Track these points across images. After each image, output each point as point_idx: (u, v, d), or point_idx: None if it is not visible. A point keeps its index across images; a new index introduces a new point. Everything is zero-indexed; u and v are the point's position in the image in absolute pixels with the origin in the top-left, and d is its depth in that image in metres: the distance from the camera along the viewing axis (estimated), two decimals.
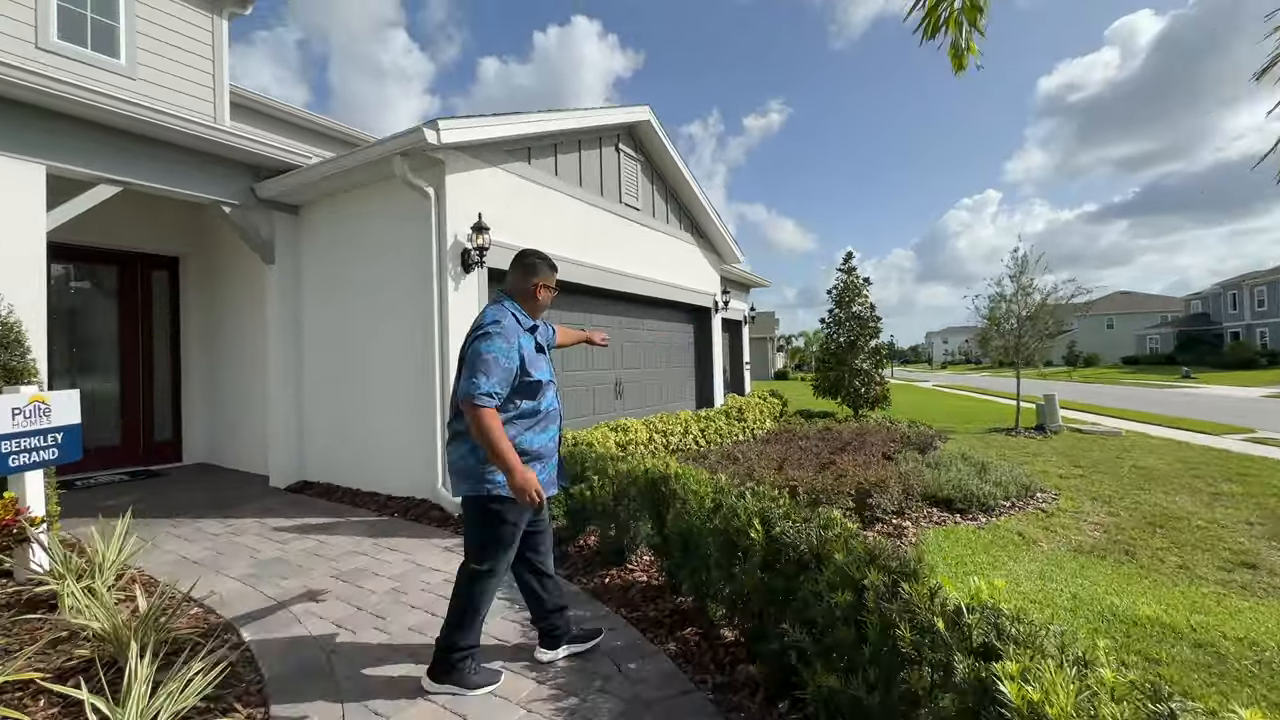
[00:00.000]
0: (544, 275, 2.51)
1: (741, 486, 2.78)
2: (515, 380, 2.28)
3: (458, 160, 5.02)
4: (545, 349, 2.57)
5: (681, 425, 6.89)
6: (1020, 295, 11.43)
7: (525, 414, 2.34)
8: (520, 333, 2.34)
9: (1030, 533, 4.85)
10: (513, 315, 2.38)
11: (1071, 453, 9.10)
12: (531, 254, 2.53)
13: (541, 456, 2.41)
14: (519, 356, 2.28)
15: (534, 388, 2.36)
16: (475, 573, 2.34)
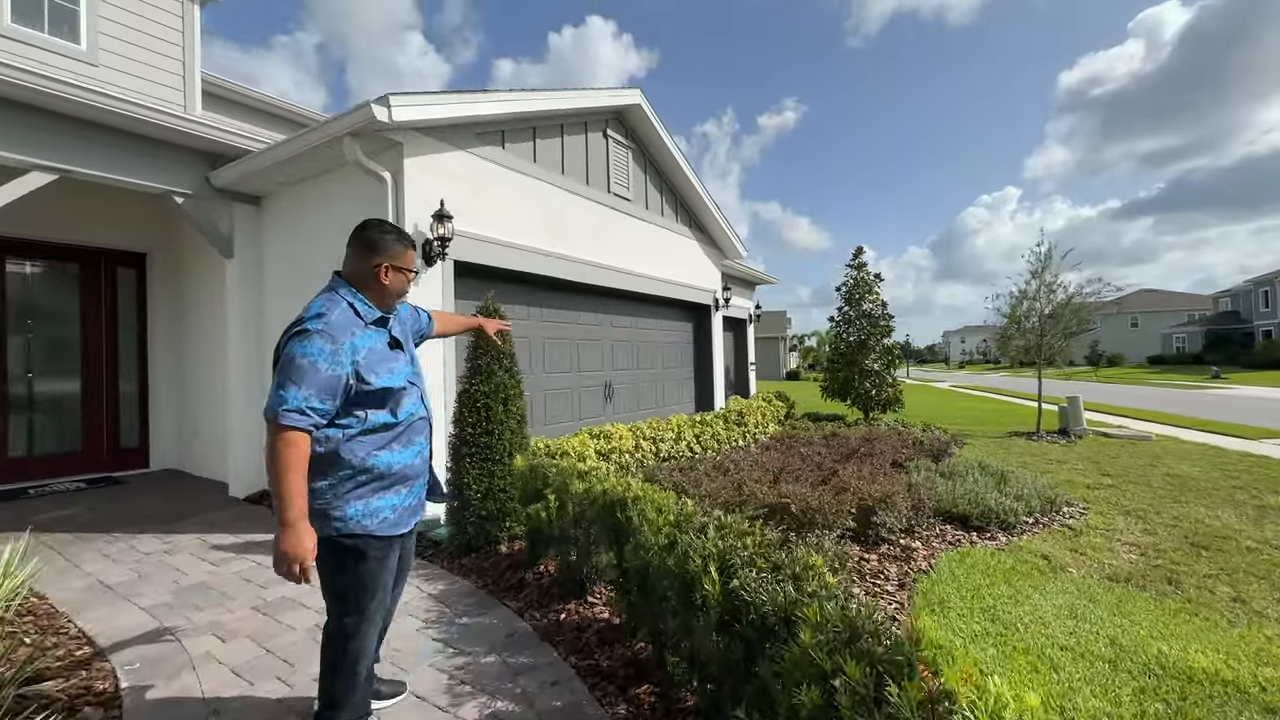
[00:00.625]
0: (389, 253, 1.98)
1: (706, 516, 2.29)
2: (348, 390, 1.81)
3: (419, 143, 4.58)
4: (405, 344, 2.11)
5: (674, 431, 6.41)
6: (1043, 292, 10.80)
7: (374, 428, 1.88)
8: (356, 329, 1.87)
9: (1057, 556, 4.30)
10: (348, 306, 1.89)
11: (1098, 459, 8.48)
12: (373, 226, 2.03)
13: (406, 478, 1.97)
14: (351, 360, 1.81)
15: (381, 396, 1.89)
16: (340, 632, 1.90)
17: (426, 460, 2.12)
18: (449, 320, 2.64)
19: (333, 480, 1.80)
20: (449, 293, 4.75)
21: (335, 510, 1.81)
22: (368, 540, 1.84)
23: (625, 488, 2.67)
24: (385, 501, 1.90)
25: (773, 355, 38.61)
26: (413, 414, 2.01)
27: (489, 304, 4.02)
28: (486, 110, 4.88)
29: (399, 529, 1.95)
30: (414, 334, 2.32)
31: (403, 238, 2.05)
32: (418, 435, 2.04)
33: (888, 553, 4.18)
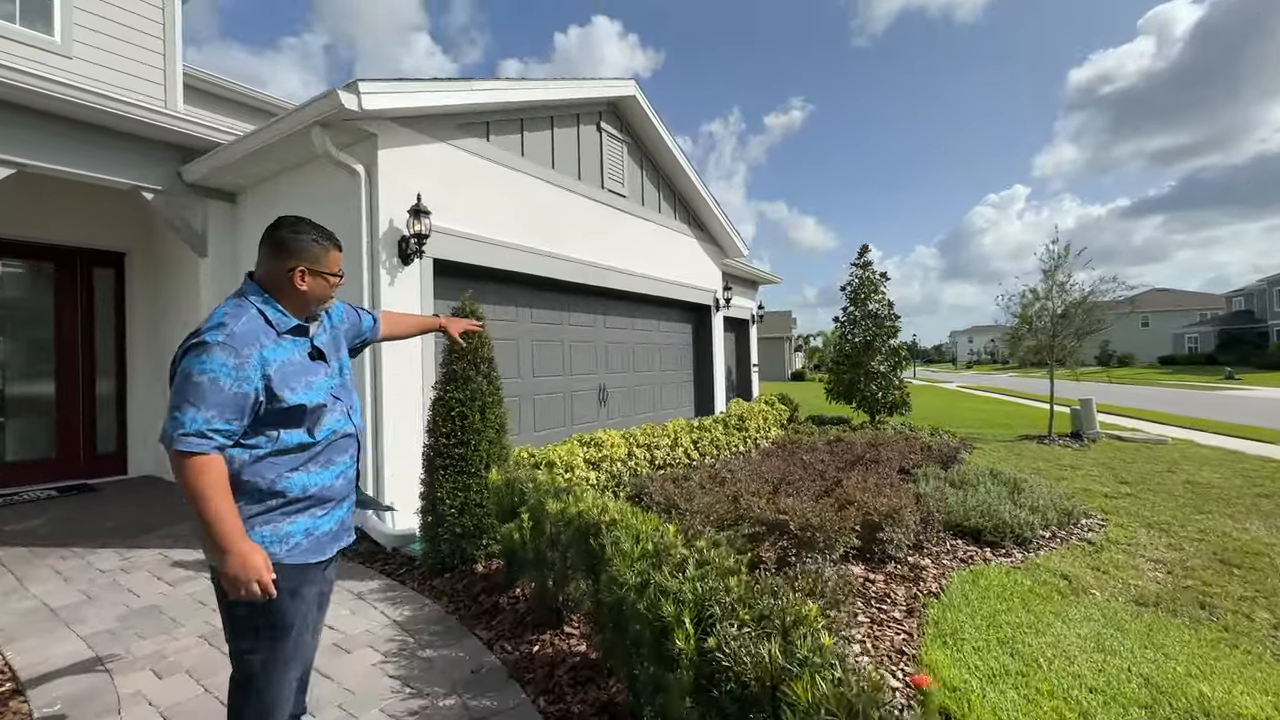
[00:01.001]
0: (305, 256, 1.74)
1: (688, 547, 2.01)
2: (256, 408, 1.59)
3: (395, 134, 4.32)
4: (334, 352, 1.89)
5: (670, 437, 6.12)
6: (1056, 292, 10.45)
7: (287, 449, 1.66)
8: (266, 340, 1.64)
9: (1078, 575, 3.99)
10: (256, 314, 1.67)
11: (1114, 465, 8.14)
12: (286, 224, 1.77)
13: (325, 500, 1.75)
14: (261, 375, 1.59)
15: (297, 413, 1.67)
16: (247, 680, 1.66)
17: (352, 481, 1.90)
18: (400, 321, 2.38)
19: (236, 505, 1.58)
20: (428, 293, 4.49)
21: None
22: (277, 570, 1.60)
23: (601, 510, 2.39)
24: (298, 525, 1.68)
25: (777, 356, 38.25)
26: (335, 431, 1.79)
27: (466, 304, 3.75)
28: (468, 100, 4.62)
29: (315, 556, 1.73)
30: (351, 339, 2.08)
31: (322, 238, 1.80)
32: (340, 454, 1.82)
33: (895, 572, 3.88)
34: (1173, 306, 49.35)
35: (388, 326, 2.26)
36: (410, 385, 4.36)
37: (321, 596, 1.91)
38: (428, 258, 4.47)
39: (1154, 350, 46.37)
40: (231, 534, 1.48)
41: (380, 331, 2.21)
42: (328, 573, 1.89)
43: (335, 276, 1.84)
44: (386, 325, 2.25)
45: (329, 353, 1.87)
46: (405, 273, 4.34)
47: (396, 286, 4.28)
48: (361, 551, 4.05)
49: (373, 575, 3.69)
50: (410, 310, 4.38)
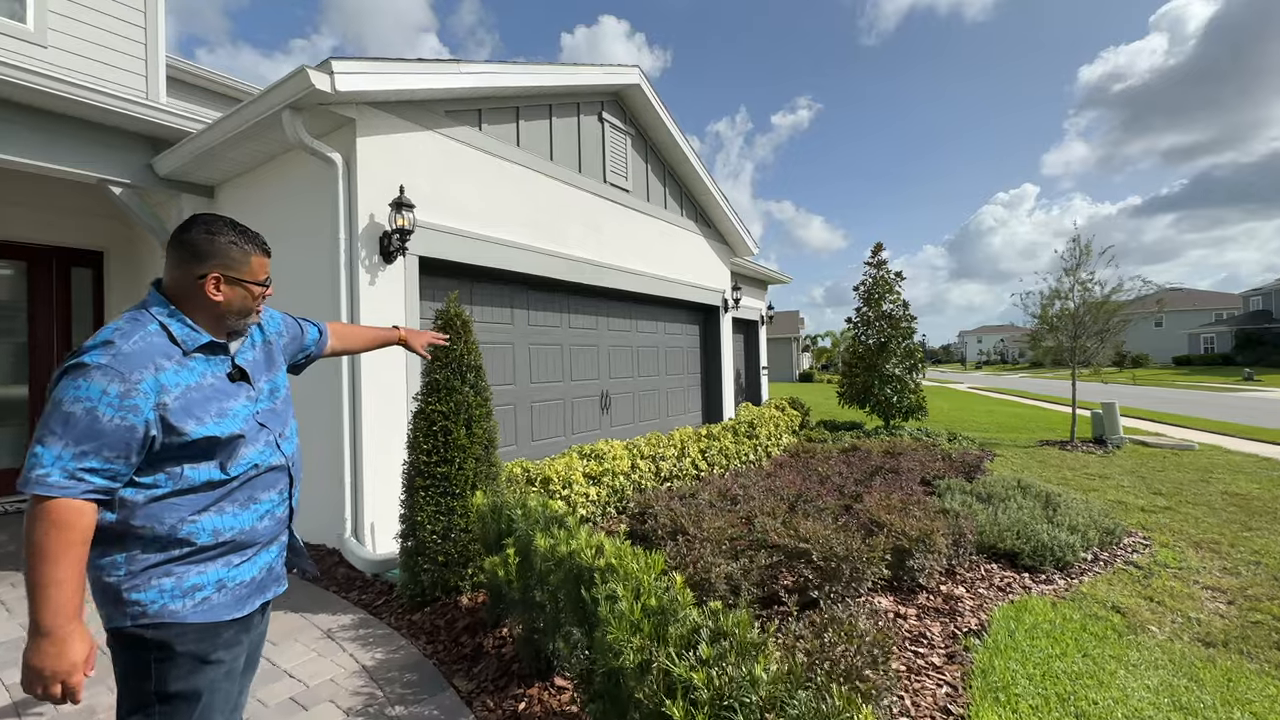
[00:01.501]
0: (221, 260, 1.43)
1: (697, 608, 1.63)
2: (149, 443, 1.28)
3: (375, 120, 3.96)
4: (264, 371, 1.59)
5: (676, 447, 5.74)
6: (1077, 290, 10.02)
7: (192, 487, 1.36)
8: (166, 361, 1.34)
9: (1131, 607, 3.58)
10: (158, 330, 1.36)
11: (1144, 473, 7.71)
12: (200, 223, 1.44)
13: (244, 545, 1.46)
14: (154, 404, 1.28)
15: (205, 446, 1.37)
16: None
17: (283, 521, 1.59)
18: (352, 334, 2.05)
19: (128, 553, 1.31)
20: (412, 293, 4.12)
21: (131, 591, 1.30)
22: (180, 630, 1.32)
23: (595, 552, 2.01)
24: (208, 576, 1.38)
25: (785, 356, 37.79)
26: (256, 465, 1.47)
27: (451, 306, 3.39)
28: (456, 83, 4.24)
29: (232, 612, 1.42)
30: (292, 354, 1.77)
31: (244, 240, 1.47)
32: (265, 491, 1.50)
33: (927, 604, 3.48)
34: (1187, 306, 48.50)
35: (338, 340, 1.94)
36: (394, 392, 4.00)
37: (247, 659, 1.57)
38: (412, 255, 4.10)
39: (1168, 351, 45.57)
40: (62, 610, 1.19)
41: (328, 345, 1.90)
42: (258, 627, 1.59)
43: (260, 286, 1.51)
44: (336, 338, 1.94)
45: (256, 372, 1.56)
46: (387, 272, 3.97)
47: (378, 287, 3.92)
48: (339, 578, 3.69)
49: (346, 607, 3.33)
50: (393, 313, 4.02)
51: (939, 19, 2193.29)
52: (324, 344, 1.88)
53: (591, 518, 4.64)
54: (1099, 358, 10.06)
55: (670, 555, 3.06)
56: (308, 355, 1.83)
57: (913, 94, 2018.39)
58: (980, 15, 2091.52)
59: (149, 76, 6.38)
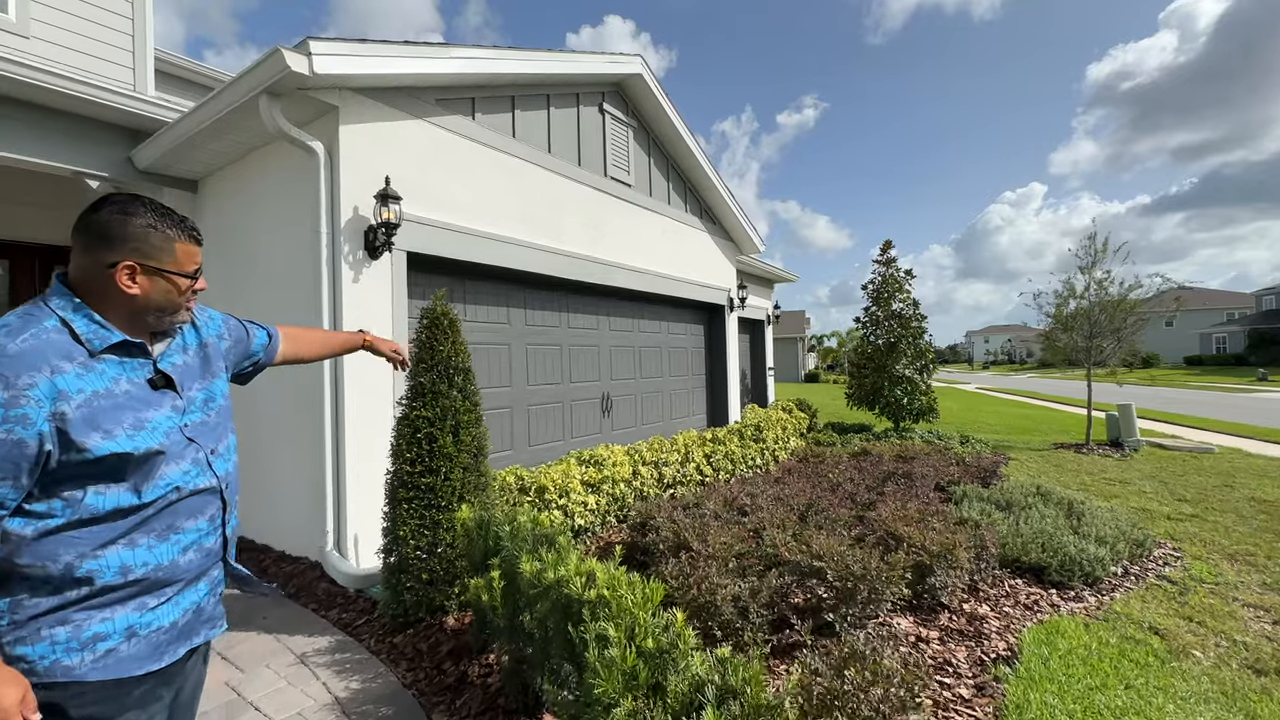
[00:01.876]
0: (137, 246, 1.21)
1: (701, 652, 1.39)
2: (42, 460, 1.08)
3: (360, 107, 3.73)
4: (196, 378, 1.37)
5: (680, 452, 5.49)
6: (1093, 289, 9.74)
7: (98, 516, 1.13)
8: (66, 362, 1.13)
9: (1171, 629, 3.31)
10: (57, 326, 1.15)
11: (1165, 478, 7.44)
12: (113, 204, 1.22)
13: (162, 584, 1.23)
14: (49, 412, 1.07)
15: (112, 466, 1.14)
16: None
17: (213, 553, 1.34)
18: (310, 339, 1.81)
19: (12, 599, 1.09)
20: (400, 291, 3.89)
21: (15, 645, 1.08)
22: (77, 692, 1.11)
23: (585, 581, 1.78)
24: (115, 623, 1.16)
25: (791, 356, 37.47)
26: (179, 487, 1.24)
27: (437, 304, 3.16)
28: (446, 69, 4.01)
29: (147, 664, 1.19)
30: (236, 361, 1.56)
31: (166, 223, 1.25)
32: (190, 518, 1.27)
33: (950, 626, 3.22)
34: (1198, 305, 47.89)
35: (291, 345, 1.72)
36: (379, 394, 3.77)
37: (177, 715, 1.34)
38: (400, 251, 3.87)
39: (1179, 350, 44.99)
40: None
41: (279, 351, 1.69)
42: (190, 676, 1.35)
43: (186, 278, 1.28)
44: (289, 343, 1.71)
45: (186, 379, 1.33)
46: (373, 268, 3.75)
47: (362, 284, 3.69)
48: (319, 594, 3.46)
49: (325, 627, 3.10)
50: (379, 312, 3.79)
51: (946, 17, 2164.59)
52: (274, 350, 1.66)
53: (590, 527, 4.41)
54: (1115, 358, 9.78)
55: (673, 574, 2.82)
56: (255, 362, 1.61)
57: (919, 93, 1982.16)
58: (988, 14, 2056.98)
59: (136, 69, 6.17)
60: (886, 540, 3.68)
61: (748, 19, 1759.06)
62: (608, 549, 4.15)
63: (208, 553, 1.31)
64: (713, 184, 7.64)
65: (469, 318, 4.72)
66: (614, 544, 4.29)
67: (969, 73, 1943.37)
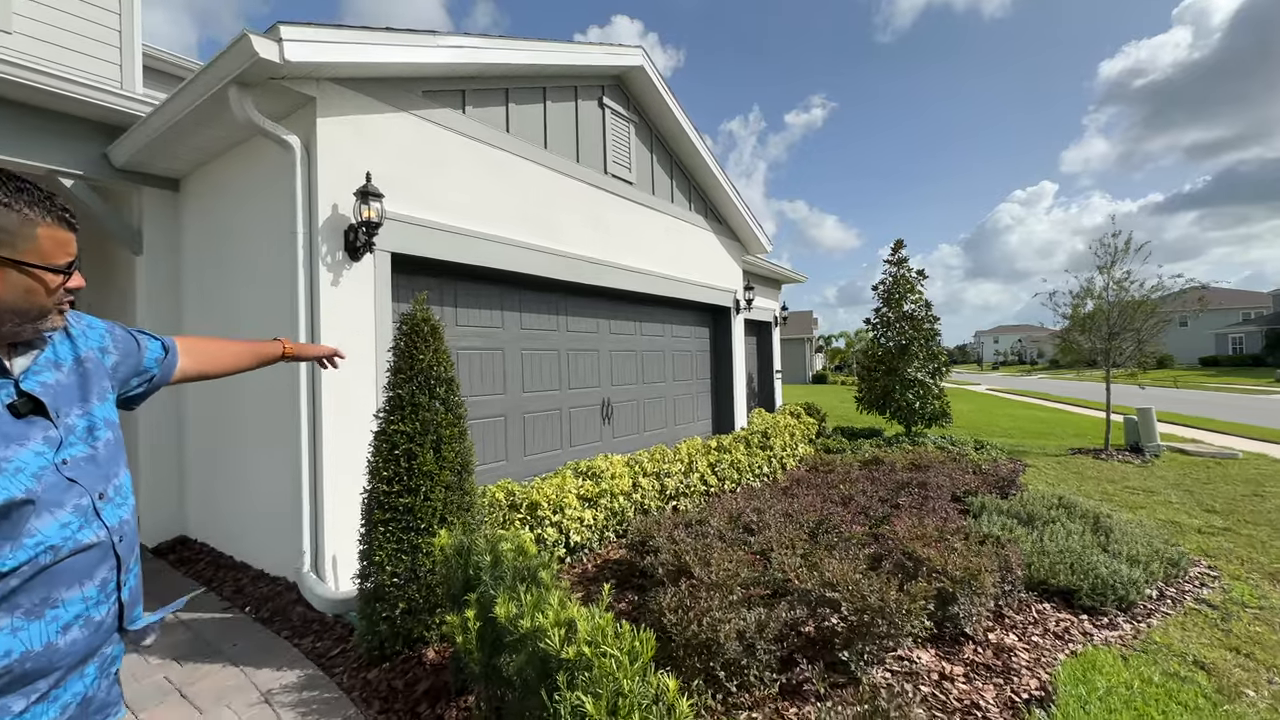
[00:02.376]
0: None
1: None
2: None
3: (340, 99, 3.50)
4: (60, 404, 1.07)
5: (683, 462, 5.24)
6: (1114, 289, 9.41)
7: None
8: None
9: (1217, 663, 3.03)
10: None
11: (1190, 486, 7.13)
12: None
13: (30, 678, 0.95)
14: None
15: None
16: None
17: (104, 627, 1.07)
18: (215, 350, 1.53)
19: None
20: (384, 295, 3.66)
21: None
22: None
23: (564, 634, 1.53)
24: None
25: (798, 357, 37.10)
26: (54, 546, 0.98)
27: (418, 309, 2.92)
28: (432, 58, 3.77)
29: None
30: (124, 379, 1.28)
31: (24, 200, 0.98)
32: (71, 587, 1.02)
33: (976, 659, 2.95)
34: (1214, 305, 47.05)
35: (192, 360, 1.44)
36: (360, 403, 3.53)
37: None
38: (383, 252, 3.64)
39: (1193, 351, 44.21)
40: None
41: (180, 367, 1.40)
42: None
43: (56, 272, 1.02)
44: (190, 357, 1.43)
45: (62, 403, 1.07)
46: (353, 270, 3.51)
47: (343, 287, 3.46)
48: (294, 620, 3.23)
49: (296, 659, 2.87)
50: (360, 317, 3.56)
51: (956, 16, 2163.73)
52: (172, 365, 1.38)
53: (587, 544, 4.16)
54: (1134, 360, 9.46)
55: (671, 606, 2.57)
56: (148, 380, 1.34)
57: (928, 91, 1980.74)
58: (999, 11, 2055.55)
59: (124, 65, 5.98)
60: (904, 563, 3.41)
61: (756, 19, 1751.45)
62: (602, 572, 3.91)
63: (97, 627, 1.05)
64: (718, 182, 7.38)
65: (459, 322, 4.48)
66: (610, 563, 4.05)
67: (979, 71, 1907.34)
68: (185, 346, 1.41)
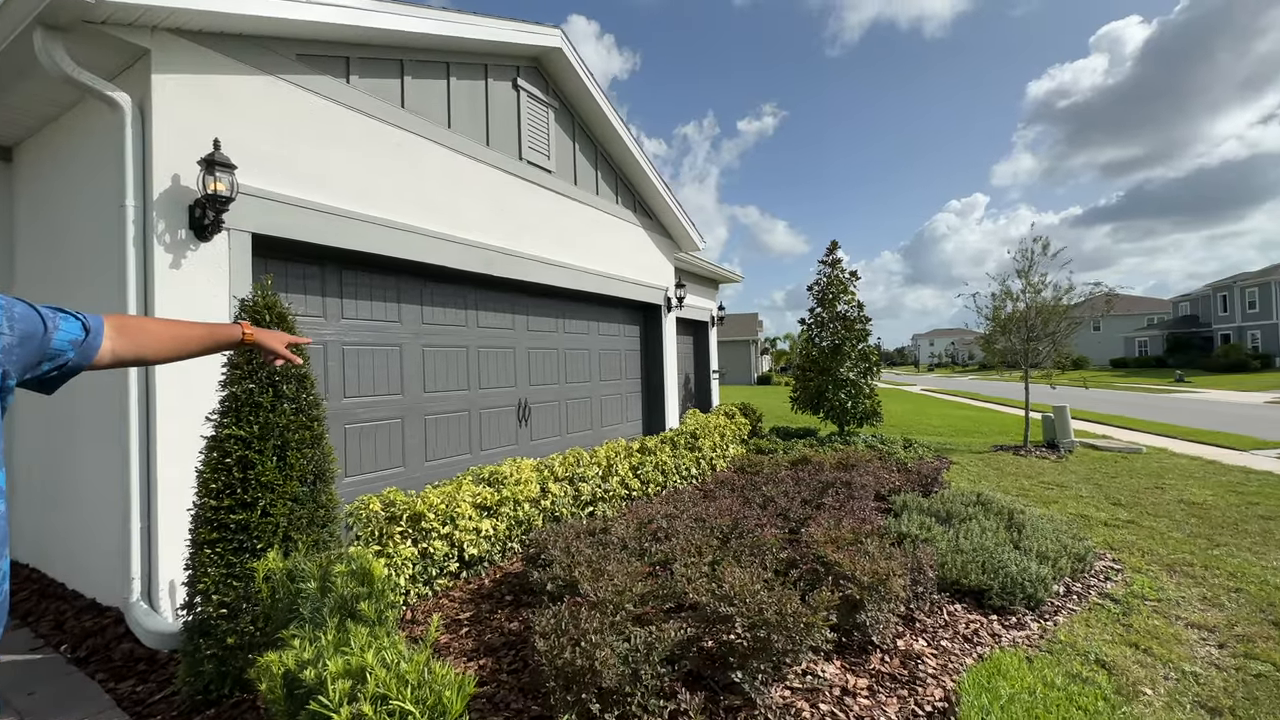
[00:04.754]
0: None
1: None
2: None
3: (183, 53, 3.04)
4: None
5: (601, 465, 4.95)
6: (1029, 293, 9.81)
7: None
8: None
9: (1117, 661, 2.99)
10: None
11: (1099, 480, 7.44)
12: None
13: None
14: None
15: None
16: None
17: None
18: (154, 332, 1.23)
19: None
20: (242, 281, 3.19)
21: None
22: None
23: (343, 690, 1.21)
24: None
25: (744, 359, 37.55)
26: None
27: (260, 294, 2.52)
28: (305, 15, 3.34)
29: None
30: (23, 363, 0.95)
31: None
32: None
33: (883, 670, 2.80)
34: (1122, 311, 50.84)
35: (124, 340, 1.13)
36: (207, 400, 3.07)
37: None
38: (241, 232, 3.19)
39: (1105, 353, 47.54)
40: None
41: (109, 350, 1.10)
42: None
43: None
44: (121, 338, 1.12)
45: None
46: (201, 252, 3.05)
47: (186, 271, 2.99)
48: (116, 658, 2.75)
49: (104, 707, 2.40)
50: (212, 306, 3.09)
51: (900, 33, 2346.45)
52: (92, 348, 1.06)
53: (487, 557, 3.81)
54: (1049, 360, 9.89)
55: (547, 629, 2.27)
56: (61, 365, 1.01)
57: (874, 104, 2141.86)
58: (939, 32, 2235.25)
59: None
60: (816, 568, 3.24)
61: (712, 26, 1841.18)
62: (499, 587, 3.58)
63: None
64: (647, 176, 7.15)
65: (346, 314, 4.05)
66: (511, 576, 3.71)
67: (920, 86, 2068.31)
68: (117, 326, 1.11)
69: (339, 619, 1.59)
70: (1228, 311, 40.29)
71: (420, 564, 3.30)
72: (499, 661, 2.78)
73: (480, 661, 2.78)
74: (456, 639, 3.05)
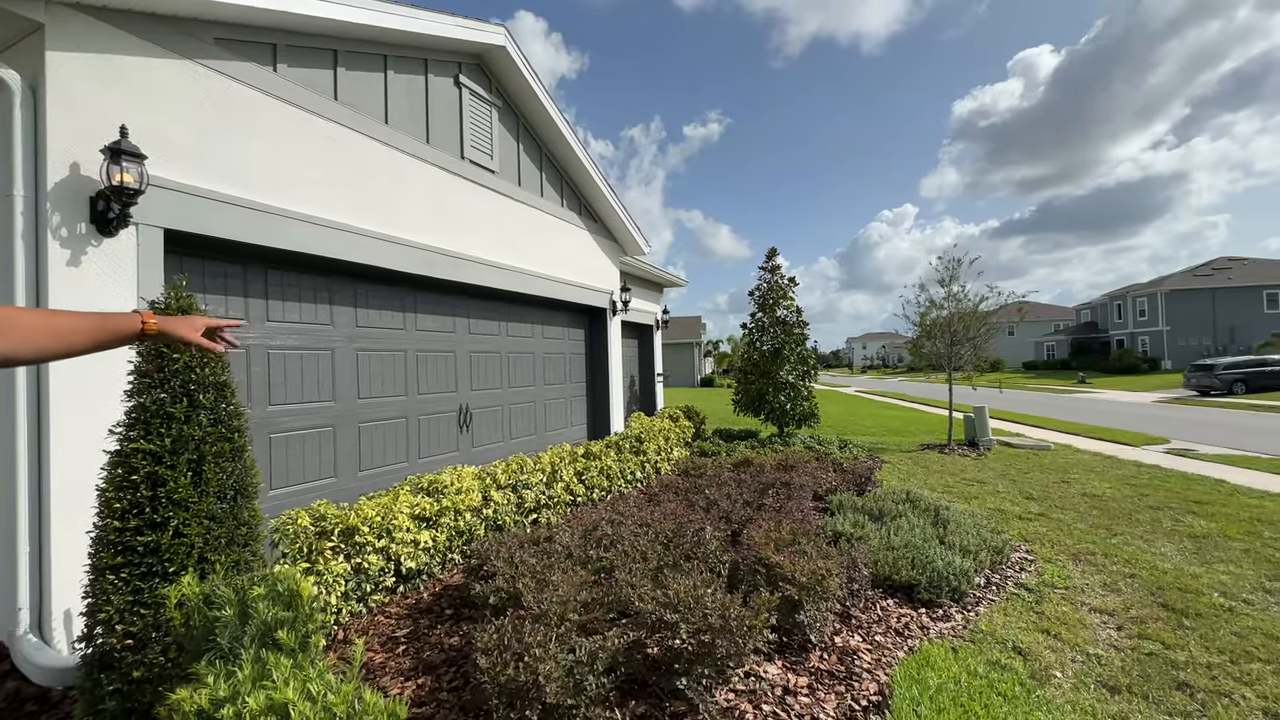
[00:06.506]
0: None
1: None
2: None
3: (83, 30, 2.77)
4: None
5: (545, 471, 4.88)
6: (950, 301, 10.45)
7: None
8: None
9: (1033, 648, 3.22)
10: None
11: (1014, 476, 8.00)
12: None
13: None
14: None
15: None
16: None
17: None
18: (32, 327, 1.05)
19: None
20: (152, 280, 2.94)
21: None
22: None
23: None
24: None
25: (687, 362, 38.04)
26: None
27: (172, 295, 2.32)
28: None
29: None
30: None
31: None
32: None
33: (821, 667, 2.89)
34: (1033, 317, 55.03)
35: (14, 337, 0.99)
36: (108, 406, 2.81)
37: None
38: (151, 227, 2.93)
39: (1018, 356, 51.30)
40: None
41: None
42: None
43: None
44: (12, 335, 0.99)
45: None
46: (104, 248, 2.79)
47: (86, 270, 2.73)
48: (1, 697, 2.47)
49: None
50: (115, 303, 2.83)
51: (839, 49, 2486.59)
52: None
53: (426, 569, 3.68)
54: (970, 364, 10.53)
55: (489, 644, 2.21)
56: None
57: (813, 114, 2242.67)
58: (875, 49, 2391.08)
59: None
60: (756, 569, 3.32)
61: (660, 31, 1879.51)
62: (439, 601, 3.46)
63: None
64: (592, 179, 7.12)
65: (271, 316, 3.81)
66: (451, 589, 3.59)
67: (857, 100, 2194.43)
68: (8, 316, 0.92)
69: (256, 649, 1.48)
70: (1122, 319, 44.30)
71: (354, 580, 3.15)
72: (439, 680, 2.68)
73: (419, 681, 2.68)
74: (393, 657, 2.92)
